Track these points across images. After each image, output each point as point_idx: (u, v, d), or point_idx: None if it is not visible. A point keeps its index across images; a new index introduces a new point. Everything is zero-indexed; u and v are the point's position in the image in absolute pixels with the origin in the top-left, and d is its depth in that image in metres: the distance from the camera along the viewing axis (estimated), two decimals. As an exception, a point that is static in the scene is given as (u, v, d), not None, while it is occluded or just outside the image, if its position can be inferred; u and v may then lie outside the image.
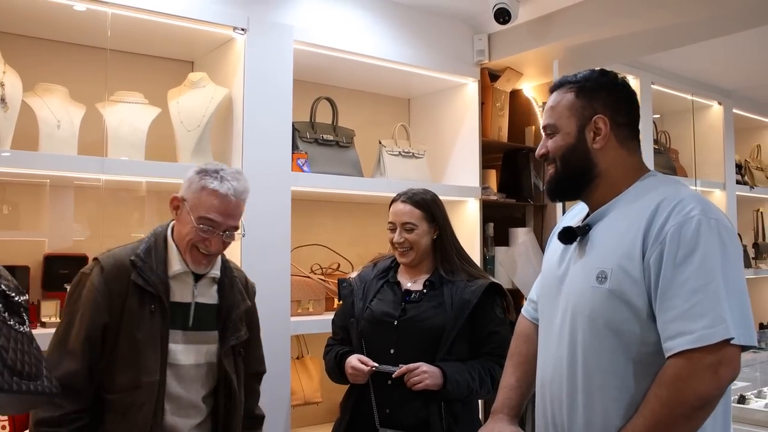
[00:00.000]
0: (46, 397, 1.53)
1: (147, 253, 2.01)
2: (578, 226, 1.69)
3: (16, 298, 1.54)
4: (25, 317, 1.57)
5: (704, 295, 1.44)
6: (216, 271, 2.11)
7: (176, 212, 2.05)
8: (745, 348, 1.45)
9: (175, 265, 2.03)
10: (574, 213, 1.87)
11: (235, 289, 2.15)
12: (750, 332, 1.45)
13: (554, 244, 1.78)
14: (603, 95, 1.69)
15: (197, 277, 2.07)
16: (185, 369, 2.01)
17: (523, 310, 2.03)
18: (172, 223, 2.10)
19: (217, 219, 2.00)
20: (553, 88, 1.77)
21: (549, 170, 1.76)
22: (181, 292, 2.04)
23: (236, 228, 2.08)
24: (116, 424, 1.93)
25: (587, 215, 1.74)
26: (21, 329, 1.52)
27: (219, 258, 2.13)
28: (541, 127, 1.79)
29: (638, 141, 1.73)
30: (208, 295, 2.09)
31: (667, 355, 1.46)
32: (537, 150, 1.78)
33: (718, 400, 1.44)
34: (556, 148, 1.71)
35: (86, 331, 1.92)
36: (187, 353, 2.02)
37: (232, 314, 2.10)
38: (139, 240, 2.09)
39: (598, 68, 1.75)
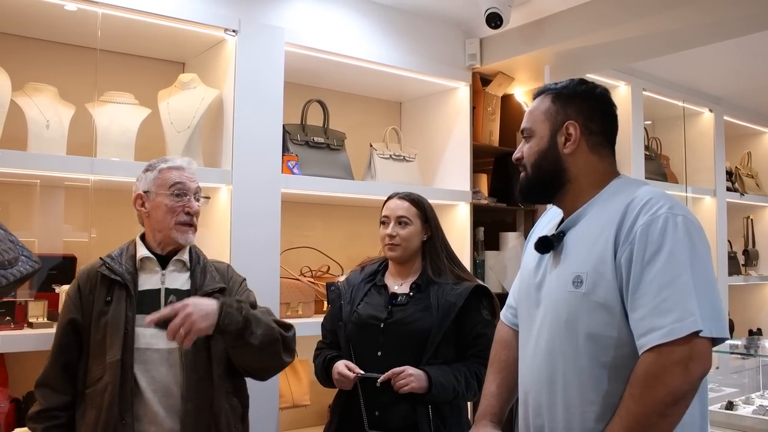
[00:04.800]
0: (30, 277, 1.55)
1: (119, 252, 2.18)
2: (553, 234, 1.71)
3: None
4: None
5: (672, 290, 1.45)
6: (183, 256, 2.22)
7: (143, 209, 2.20)
8: (716, 341, 1.46)
9: (141, 251, 2.17)
10: (548, 219, 1.89)
11: (207, 274, 2.22)
12: (720, 324, 1.46)
13: (531, 251, 1.80)
14: (578, 102, 1.72)
15: (164, 265, 2.18)
16: (161, 353, 2.07)
17: (501, 315, 2.04)
18: (141, 233, 2.25)
19: (185, 181, 2.21)
20: (535, 95, 1.81)
21: (520, 174, 1.79)
22: (150, 281, 2.15)
23: (200, 190, 2.28)
24: (91, 413, 2.01)
25: (561, 221, 1.76)
26: None
27: (187, 247, 2.24)
28: (519, 132, 1.83)
29: (611, 150, 1.76)
30: (180, 282, 2.19)
31: (639, 352, 1.48)
32: (514, 154, 1.82)
33: (691, 396, 1.45)
34: (529, 154, 1.75)
35: (60, 330, 2.11)
36: (161, 337, 2.01)
37: (199, 292, 2.15)
38: None
39: (578, 78, 1.79)
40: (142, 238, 2.22)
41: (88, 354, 2.07)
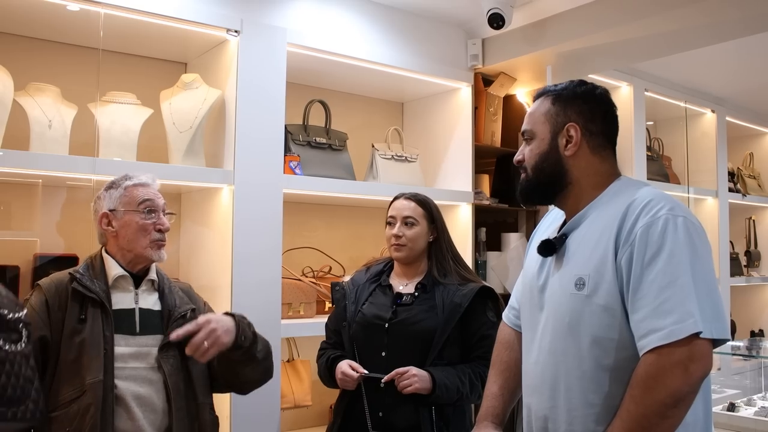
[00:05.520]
0: (25, 424, 1.45)
1: (86, 269, 2.08)
2: (555, 237, 1.71)
3: (10, 316, 1.47)
4: (24, 333, 1.50)
5: (672, 292, 1.45)
6: (153, 275, 2.17)
7: (110, 228, 2.11)
8: (717, 343, 1.46)
9: (114, 269, 2.09)
10: (550, 221, 1.89)
11: (174, 294, 2.19)
12: (721, 325, 1.46)
13: (533, 254, 1.79)
14: (578, 104, 1.72)
15: (137, 284, 2.12)
16: (138, 371, 2.02)
17: (504, 316, 2.05)
18: (101, 248, 2.16)
19: (154, 198, 2.14)
20: (536, 97, 1.81)
21: (521, 176, 1.79)
22: (123, 299, 2.08)
23: (166, 206, 2.19)
24: None
25: (563, 223, 1.76)
26: (14, 348, 1.45)
27: (154, 264, 2.18)
28: (519, 135, 1.82)
29: (613, 151, 1.76)
30: (150, 302, 2.13)
31: (640, 353, 1.48)
32: (515, 156, 1.81)
33: (691, 397, 1.45)
34: (530, 157, 1.75)
35: None
36: (139, 357, 2.03)
37: (174, 314, 2.13)
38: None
39: (578, 79, 1.79)
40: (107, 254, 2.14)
41: (54, 374, 1.95)
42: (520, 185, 1.79)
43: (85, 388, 1.91)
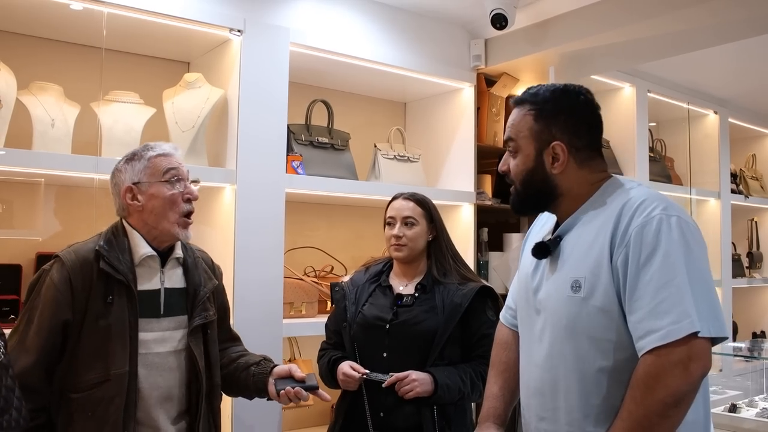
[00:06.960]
0: None
1: (109, 243, 1.96)
2: (549, 240, 1.71)
3: None
4: (1, 343, 1.50)
5: (669, 292, 1.46)
6: (179, 252, 2.09)
7: (136, 202, 2.00)
8: (715, 341, 1.47)
9: (142, 248, 1.99)
10: (542, 222, 1.88)
11: (200, 269, 2.13)
12: (718, 324, 1.46)
13: (528, 255, 1.79)
14: (562, 119, 1.68)
15: (163, 262, 2.04)
16: (161, 357, 1.98)
17: (501, 316, 2.04)
18: (121, 220, 2.06)
19: (178, 166, 2.05)
20: (515, 103, 1.76)
21: (511, 189, 1.77)
22: (149, 280, 2.00)
23: (189, 174, 2.11)
24: (86, 423, 1.86)
25: (556, 225, 1.75)
26: None
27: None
28: (502, 142, 1.80)
29: (599, 155, 1.73)
30: (175, 279, 2.06)
31: (639, 354, 1.48)
32: (500, 166, 1.78)
33: (692, 397, 1.45)
34: (516, 172, 1.73)
35: (47, 330, 1.87)
36: (163, 341, 1.99)
37: (199, 294, 2.08)
38: (98, 234, 2.03)
39: (561, 85, 1.73)
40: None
41: (75, 356, 1.89)
42: (512, 199, 1.78)
43: (110, 377, 1.87)
